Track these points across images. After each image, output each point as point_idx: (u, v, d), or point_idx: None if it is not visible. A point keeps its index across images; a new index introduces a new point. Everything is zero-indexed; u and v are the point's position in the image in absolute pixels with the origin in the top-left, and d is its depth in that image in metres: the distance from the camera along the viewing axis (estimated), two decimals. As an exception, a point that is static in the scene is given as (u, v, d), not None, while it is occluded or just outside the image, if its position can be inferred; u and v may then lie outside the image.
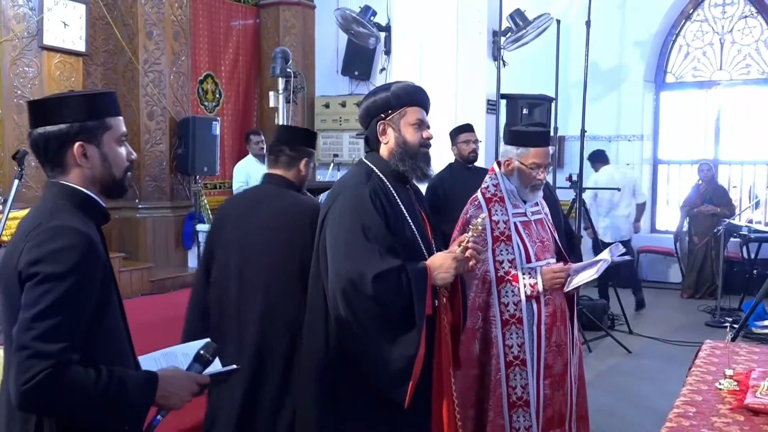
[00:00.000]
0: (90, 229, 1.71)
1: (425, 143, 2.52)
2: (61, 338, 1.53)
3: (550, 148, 3.79)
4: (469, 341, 2.89)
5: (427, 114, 2.58)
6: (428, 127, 2.54)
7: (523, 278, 2.94)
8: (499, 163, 3.14)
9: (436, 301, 2.39)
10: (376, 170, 2.50)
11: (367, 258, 2.28)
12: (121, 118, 1.84)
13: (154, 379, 1.69)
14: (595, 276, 3.03)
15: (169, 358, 1.91)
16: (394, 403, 2.29)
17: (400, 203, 2.47)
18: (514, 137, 3.10)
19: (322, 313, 2.41)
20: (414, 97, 2.54)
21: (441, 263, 2.35)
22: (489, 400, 2.89)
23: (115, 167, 1.81)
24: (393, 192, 2.47)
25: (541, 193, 3.11)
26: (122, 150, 1.83)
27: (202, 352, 1.83)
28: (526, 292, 2.94)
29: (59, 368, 1.51)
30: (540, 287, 2.96)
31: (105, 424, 1.64)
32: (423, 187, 2.75)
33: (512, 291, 2.93)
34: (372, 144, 2.56)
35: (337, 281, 2.31)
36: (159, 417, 1.75)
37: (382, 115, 2.51)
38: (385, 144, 2.51)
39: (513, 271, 2.93)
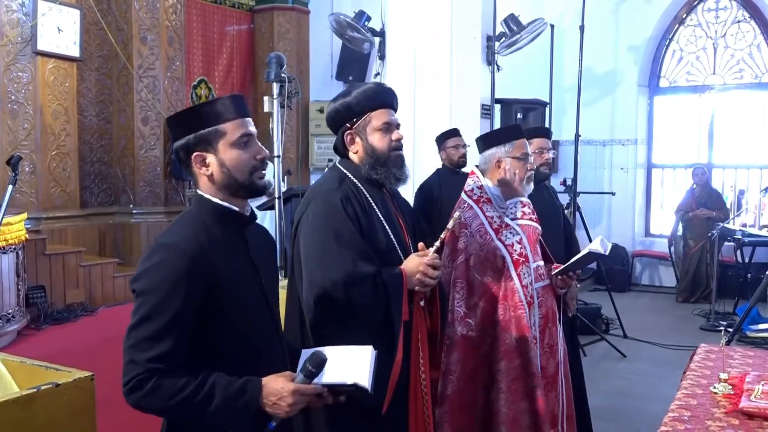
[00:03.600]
0: (203, 240, 1.78)
1: (396, 146, 2.43)
2: (149, 349, 1.68)
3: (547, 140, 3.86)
4: (503, 333, 2.86)
5: (396, 111, 2.48)
6: (398, 127, 2.45)
7: (508, 238, 2.94)
8: (482, 171, 3.12)
9: (413, 305, 2.37)
10: (350, 175, 2.44)
11: (340, 265, 2.25)
12: (239, 120, 1.84)
13: (255, 387, 1.74)
14: (585, 252, 3.02)
15: (333, 356, 1.86)
16: (372, 409, 2.23)
17: (375, 208, 2.42)
18: (495, 138, 3.11)
19: (297, 319, 2.41)
20: (376, 100, 2.42)
21: (416, 266, 2.32)
22: (538, 388, 2.86)
23: (236, 171, 1.83)
24: (367, 197, 2.42)
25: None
26: (243, 152, 1.84)
27: (308, 364, 1.77)
28: (516, 251, 2.95)
29: (147, 376, 1.67)
30: (526, 242, 2.97)
31: (200, 425, 1.75)
32: (402, 190, 2.69)
33: (527, 272, 2.94)
34: (342, 153, 2.50)
35: (310, 289, 2.29)
36: (272, 423, 1.76)
37: (348, 125, 2.43)
38: (355, 153, 2.45)
39: (524, 251, 2.93)
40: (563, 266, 3.09)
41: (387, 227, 2.43)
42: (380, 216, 2.43)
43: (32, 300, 6.29)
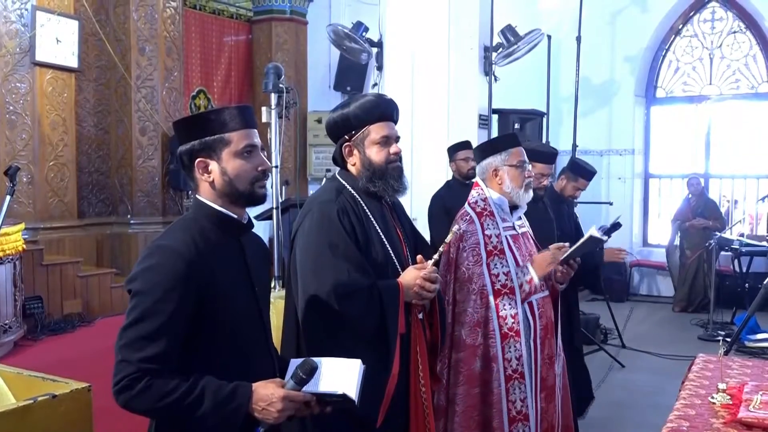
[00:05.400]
0: (200, 244, 1.80)
1: (394, 159, 2.42)
2: (142, 349, 1.69)
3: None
4: (470, 359, 2.87)
5: (396, 122, 2.47)
6: (396, 140, 2.44)
7: (518, 278, 2.94)
8: (483, 180, 3.13)
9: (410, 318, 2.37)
10: (348, 187, 2.43)
11: (335, 276, 2.25)
12: (245, 131, 1.87)
13: (245, 393, 1.74)
14: (586, 237, 3.03)
15: (323, 367, 1.86)
16: (368, 422, 2.22)
17: (373, 221, 2.41)
18: (491, 147, 3.12)
19: (293, 330, 2.41)
20: (374, 112, 2.41)
21: (413, 279, 2.32)
22: (495, 419, 2.86)
23: (237, 180, 1.85)
24: (365, 209, 2.41)
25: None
26: (245, 162, 1.86)
27: (299, 371, 1.77)
28: (524, 290, 2.93)
29: (138, 376, 1.67)
30: (536, 280, 2.96)
31: (189, 429, 1.75)
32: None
33: (509, 303, 2.92)
34: (340, 164, 2.50)
35: (305, 300, 2.30)
36: (260, 429, 1.77)
37: (346, 137, 2.43)
38: (353, 165, 2.45)
39: (509, 284, 2.93)
40: (565, 254, 3.06)
41: (385, 240, 2.42)
42: (378, 229, 2.42)
43: (29, 311, 6.27)
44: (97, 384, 2.71)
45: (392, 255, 2.42)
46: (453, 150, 5.22)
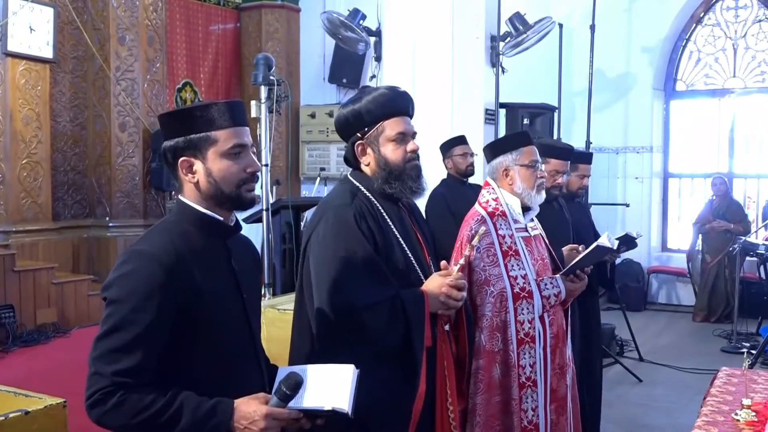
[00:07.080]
0: (182, 249, 1.79)
1: (411, 158, 2.41)
2: (117, 361, 1.69)
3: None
4: (490, 365, 2.88)
5: (411, 117, 2.47)
6: (414, 136, 2.44)
7: (546, 288, 2.97)
8: (494, 180, 3.15)
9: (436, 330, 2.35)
10: (363, 188, 2.41)
11: (355, 287, 2.22)
12: (234, 129, 1.86)
13: (226, 410, 1.73)
14: (593, 247, 3.05)
15: (312, 376, 1.84)
16: None
17: (390, 224, 2.39)
18: (501, 146, 3.17)
19: (307, 344, 2.37)
20: (389, 107, 2.40)
21: (439, 287, 2.30)
22: (516, 428, 2.88)
23: (223, 182, 1.85)
24: (382, 212, 2.39)
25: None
26: (233, 163, 1.85)
27: (282, 386, 1.75)
28: (551, 302, 2.97)
29: (112, 390, 1.68)
30: (563, 296, 3.02)
31: None
32: (420, 202, 2.68)
33: (528, 308, 2.95)
34: (353, 164, 2.49)
35: (323, 314, 2.26)
36: None
37: (359, 134, 2.41)
38: (367, 165, 2.43)
39: (528, 287, 2.95)
40: (570, 264, 3.09)
41: (404, 245, 2.39)
42: (396, 233, 2.39)
43: (0, 320, 6.27)
44: (73, 399, 2.71)
45: (413, 261, 2.40)
46: (448, 146, 5.19)
